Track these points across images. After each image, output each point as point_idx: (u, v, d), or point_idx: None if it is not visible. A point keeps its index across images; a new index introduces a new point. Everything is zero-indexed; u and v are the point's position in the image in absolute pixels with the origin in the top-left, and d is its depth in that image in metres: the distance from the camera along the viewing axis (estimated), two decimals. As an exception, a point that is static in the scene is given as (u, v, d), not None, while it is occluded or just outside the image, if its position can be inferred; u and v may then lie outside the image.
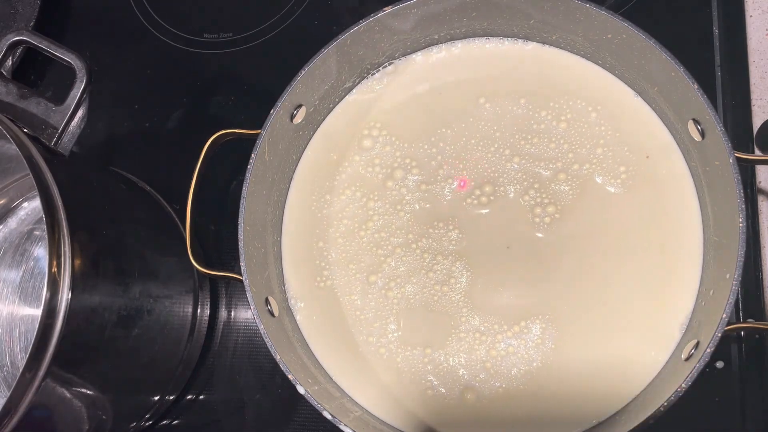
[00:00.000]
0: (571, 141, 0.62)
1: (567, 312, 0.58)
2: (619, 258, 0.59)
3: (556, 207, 0.60)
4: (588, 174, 0.61)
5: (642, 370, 0.56)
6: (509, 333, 0.58)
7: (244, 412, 0.70)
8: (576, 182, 0.61)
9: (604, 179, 0.60)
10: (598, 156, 0.61)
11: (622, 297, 0.58)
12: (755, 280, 0.64)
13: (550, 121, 0.62)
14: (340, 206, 0.63)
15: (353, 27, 0.59)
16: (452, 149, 0.63)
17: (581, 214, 0.60)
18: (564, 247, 0.60)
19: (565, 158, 0.61)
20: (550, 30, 0.62)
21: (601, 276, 0.59)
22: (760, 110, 0.68)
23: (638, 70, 0.59)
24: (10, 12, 0.80)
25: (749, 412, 0.62)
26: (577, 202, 0.60)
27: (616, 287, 0.58)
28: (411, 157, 0.63)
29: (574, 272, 0.59)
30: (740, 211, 0.51)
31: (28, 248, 0.69)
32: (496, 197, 0.61)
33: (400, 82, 0.65)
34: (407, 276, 0.61)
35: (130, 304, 0.58)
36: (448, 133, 0.63)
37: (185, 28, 0.82)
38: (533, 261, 0.60)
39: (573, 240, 0.60)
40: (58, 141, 0.58)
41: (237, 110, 0.78)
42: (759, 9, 0.70)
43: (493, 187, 0.61)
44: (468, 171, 0.62)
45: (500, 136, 0.63)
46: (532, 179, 0.61)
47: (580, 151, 0.61)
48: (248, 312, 0.72)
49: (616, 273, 0.58)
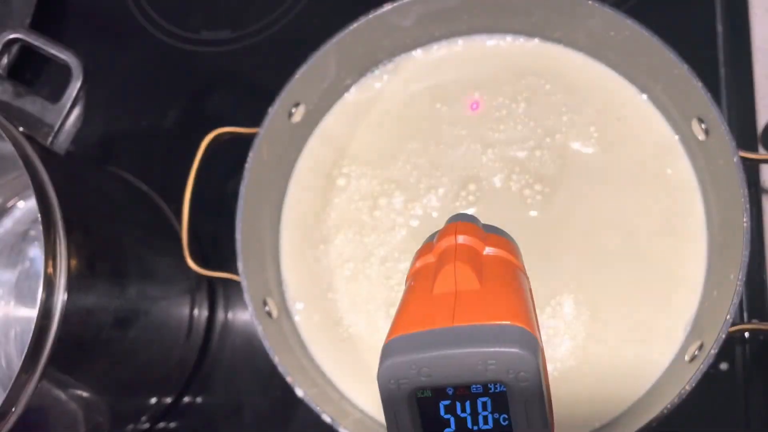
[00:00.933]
0: (535, 117, 0.62)
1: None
2: (624, 216, 0.59)
3: (543, 183, 0.60)
4: (562, 143, 0.61)
5: (645, 372, 0.56)
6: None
7: (242, 415, 0.69)
8: (554, 154, 0.61)
9: (579, 143, 0.61)
10: (565, 123, 0.61)
11: (624, 299, 0.57)
12: (760, 281, 0.64)
13: (509, 105, 0.62)
14: (337, 252, 0.62)
15: (353, 24, 0.59)
16: (424, 160, 0.63)
17: (569, 182, 0.60)
18: (564, 219, 0.60)
19: (535, 135, 0.61)
20: (552, 27, 0.61)
21: (605, 266, 0.58)
22: (765, 109, 0.67)
23: (641, 67, 0.59)
24: (5, 10, 0.80)
25: (753, 414, 0.62)
26: (561, 173, 0.61)
27: (618, 288, 0.58)
28: (388, 180, 0.63)
29: (579, 254, 0.59)
30: (745, 210, 0.51)
31: (23, 249, 0.69)
32: (483, 192, 0.61)
33: (397, 82, 0.65)
34: None
35: (127, 305, 0.57)
36: (415, 146, 0.63)
37: (182, 26, 0.81)
38: (538, 240, 0.59)
39: (570, 210, 0.60)
40: (53, 140, 0.57)
41: (235, 108, 0.78)
42: (763, 7, 0.70)
43: (477, 184, 0.61)
44: (447, 176, 0.62)
45: (466, 134, 0.62)
46: (511, 164, 0.61)
47: (547, 124, 0.62)
48: (246, 313, 0.72)
49: (619, 271, 0.58)
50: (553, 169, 0.61)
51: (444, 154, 0.62)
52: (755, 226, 0.64)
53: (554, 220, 0.60)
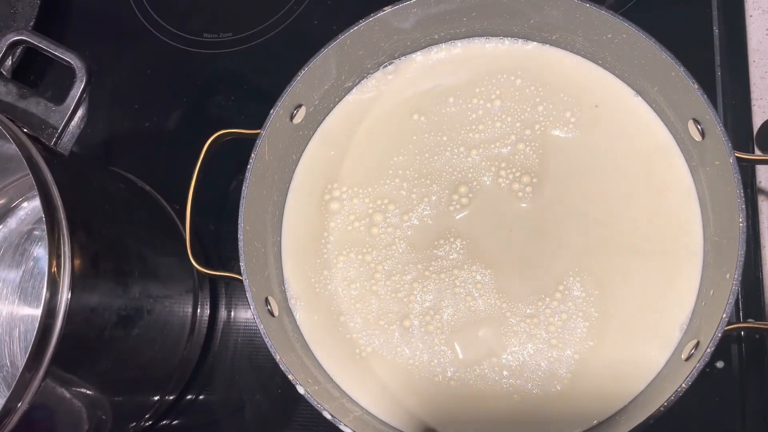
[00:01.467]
0: (511, 113, 0.63)
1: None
2: (616, 206, 0.60)
3: (530, 175, 0.61)
4: (542, 132, 0.62)
5: (642, 370, 0.56)
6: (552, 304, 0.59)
7: (244, 413, 0.70)
8: (535, 144, 0.62)
9: (558, 130, 0.62)
10: (541, 113, 0.62)
11: (621, 298, 0.58)
12: (755, 280, 0.64)
13: (484, 104, 0.63)
14: (341, 275, 0.62)
15: (353, 27, 0.59)
16: (412, 171, 0.63)
17: (555, 170, 0.61)
18: (558, 208, 0.61)
19: (515, 129, 0.62)
20: (550, 30, 0.62)
21: (602, 278, 0.59)
22: (761, 110, 0.68)
23: (638, 69, 0.59)
24: (9, 12, 0.80)
25: (749, 413, 0.62)
26: (545, 162, 0.62)
27: (615, 288, 0.58)
28: (380, 197, 0.63)
29: (576, 245, 0.60)
30: (740, 210, 0.51)
31: (27, 248, 0.69)
32: (475, 192, 0.62)
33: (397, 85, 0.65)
34: (438, 303, 0.60)
35: (130, 304, 0.58)
36: (401, 160, 0.64)
37: (185, 28, 0.82)
38: (537, 233, 0.60)
39: (562, 197, 0.61)
40: (57, 141, 0.58)
41: (237, 110, 0.78)
42: (759, 9, 0.70)
43: (467, 186, 0.62)
44: (437, 183, 0.62)
45: (447, 140, 0.63)
46: (497, 161, 0.62)
47: (524, 117, 0.63)
48: (248, 312, 0.72)
49: (616, 272, 0.58)
50: (536, 159, 0.61)
51: (430, 162, 0.63)
52: (751, 226, 0.65)
53: (549, 208, 0.61)
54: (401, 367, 0.59)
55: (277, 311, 0.58)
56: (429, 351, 0.59)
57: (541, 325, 0.58)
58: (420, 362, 0.59)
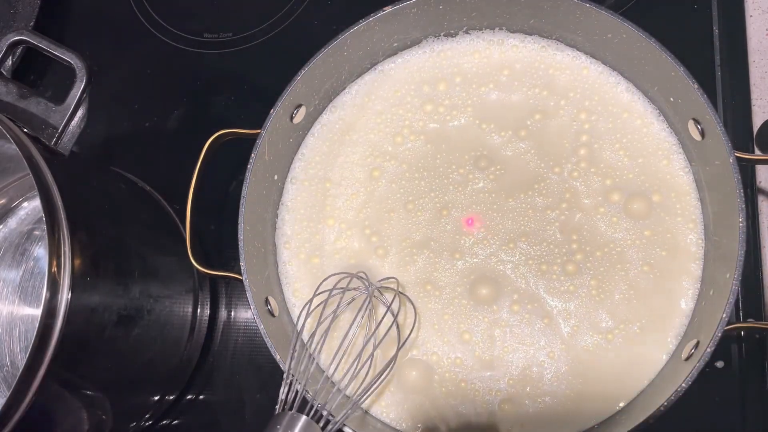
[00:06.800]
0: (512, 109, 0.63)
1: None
2: (616, 206, 0.60)
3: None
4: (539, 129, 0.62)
5: (642, 370, 0.56)
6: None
7: (244, 412, 0.70)
8: (531, 142, 0.62)
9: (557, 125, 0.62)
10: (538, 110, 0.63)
11: (621, 298, 0.58)
12: (755, 280, 0.64)
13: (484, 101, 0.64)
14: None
15: (353, 27, 0.59)
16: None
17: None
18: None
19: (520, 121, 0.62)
20: (550, 29, 0.62)
21: (603, 278, 0.59)
22: (760, 110, 0.68)
23: (638, 69, 0.59)
24: (10, 12, 0.80)
25: (749, 412, 0.62)
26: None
27: (615, 288, 0.58)
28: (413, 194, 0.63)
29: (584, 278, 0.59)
30: (740, 210, 0.51)
31: (28, 248, 0.69)
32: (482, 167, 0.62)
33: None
34: (442, 309, 0.60)
35: (130, 303, 0.58)
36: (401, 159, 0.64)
37: (185, 28, 0.82)
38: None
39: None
40: (58, 141, 0.58)
41: (237, 110, 0.78)
42: (759, 9, 0.70)
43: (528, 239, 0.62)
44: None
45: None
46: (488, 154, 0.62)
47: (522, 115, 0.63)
48: (248, 312, 0.72)
49: (616, 271, 0.58)
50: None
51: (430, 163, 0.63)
52: (750, 226, 0.65)
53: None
54: (401, 367, 0.59)
55: (277, 311, 0.58)
56: (429, 351, 0.59)
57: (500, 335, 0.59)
58: (420, 362, 0.59)
